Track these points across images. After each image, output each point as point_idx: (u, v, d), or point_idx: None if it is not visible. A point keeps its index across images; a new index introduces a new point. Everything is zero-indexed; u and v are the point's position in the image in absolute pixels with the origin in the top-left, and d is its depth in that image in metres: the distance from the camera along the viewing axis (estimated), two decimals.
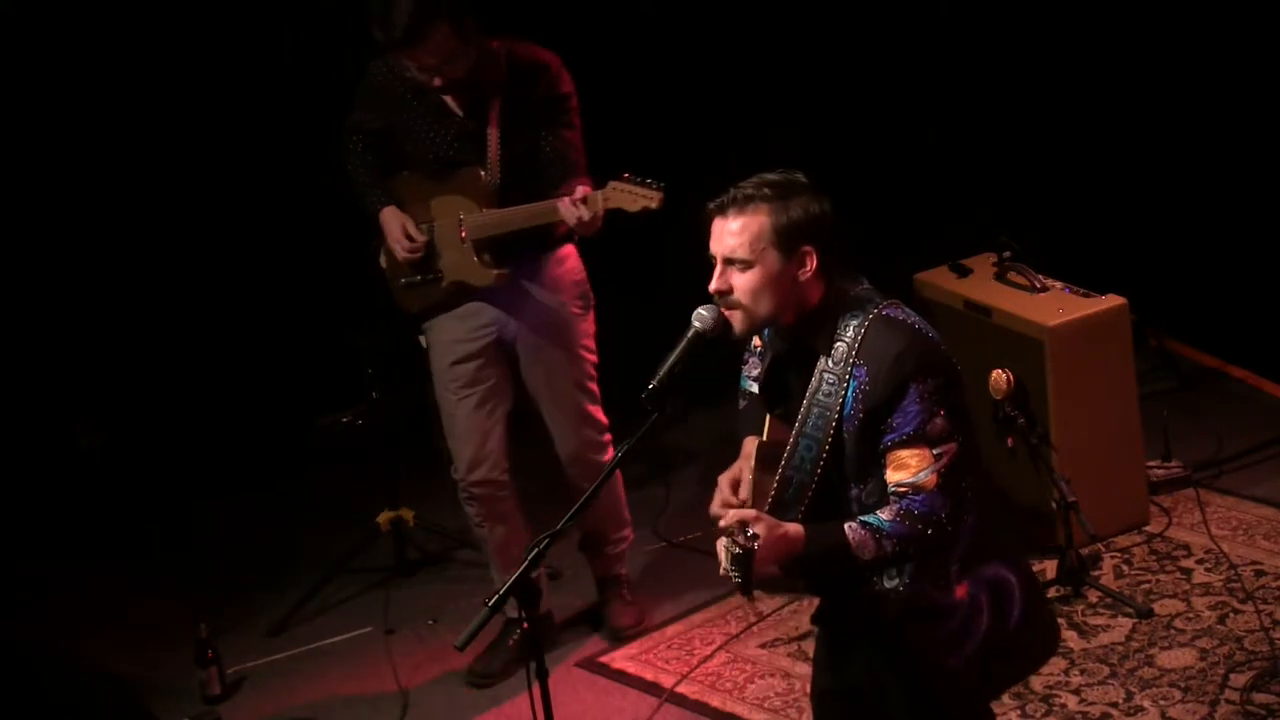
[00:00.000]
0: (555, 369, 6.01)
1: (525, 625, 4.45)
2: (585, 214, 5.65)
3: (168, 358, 7.74)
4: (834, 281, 4.36)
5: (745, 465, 4.48)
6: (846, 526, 4.27)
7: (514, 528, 6.15)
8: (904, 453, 4.26)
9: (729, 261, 4.32)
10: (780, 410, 4.47)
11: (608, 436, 6.13)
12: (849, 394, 4.28)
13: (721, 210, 4.33)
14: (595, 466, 6.07)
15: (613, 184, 5.66)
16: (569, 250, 6.00)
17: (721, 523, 4.29)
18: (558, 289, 5.97)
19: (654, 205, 5.62)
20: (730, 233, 4.30)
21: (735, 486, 4.47)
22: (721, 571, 4.31)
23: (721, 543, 4.28)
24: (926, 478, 4.26)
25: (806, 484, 4.32)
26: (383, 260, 6.13)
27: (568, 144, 5.83)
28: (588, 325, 6.04)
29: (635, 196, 5.63)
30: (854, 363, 4.28)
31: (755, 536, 4.19)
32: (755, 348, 4.61)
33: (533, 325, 5.97)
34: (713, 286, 4.34)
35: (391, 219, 5.96)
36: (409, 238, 5.92)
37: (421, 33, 5.56)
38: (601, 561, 6.34)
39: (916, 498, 4.25)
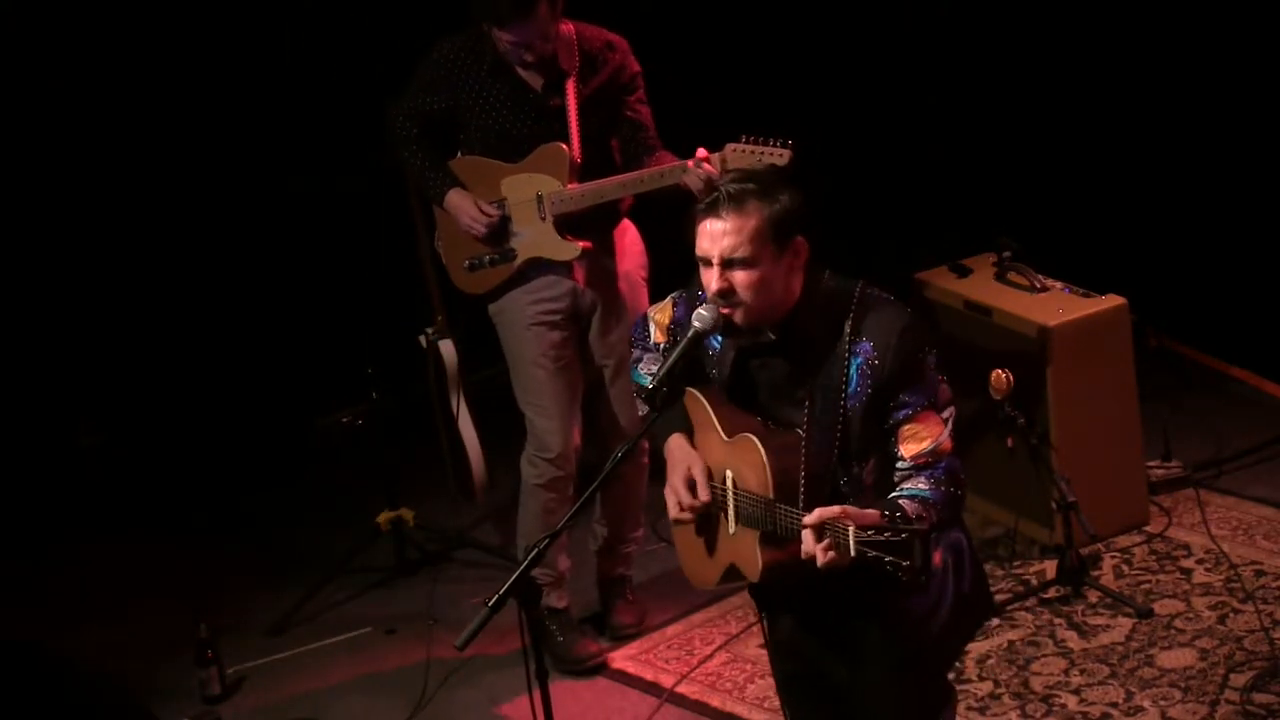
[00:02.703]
0: (628, 335, 6.04)
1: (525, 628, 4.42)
2: (716, 172, 5.65)
3: (168, 358, 7.74)
4: (811, 269, 4.40)
5: (695, 465, 4.49)
6: (903, 502, 4.29)
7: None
8: (917, 425, 4.33)
9: (728, 262, 4.32)
10: (749, 400, 4.48)
11: None
12: (852, 372, 4.32)
13: (713, 210, 4.34)
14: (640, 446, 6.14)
15: (731, 146, 5.68)
16: (629, 222, 6.07)
17: (809, 519, 4.19)
18: (626, 257, 6.06)
19: (782, 163, 5.60)
20: (726, 232, 4.31)
21: (692, 486, 4.50)
22: (825, 563, 4.17)
23: (850, 534, 4.12)
24: (943, 442, 4.35)
25: (827, 470, 4.35)
26: (439, 245, 6.14)
27: (643, 120, 5.93)
28: (647, 295, 6.10)
29: (760, 156, 5.63)
30: (853, 340, 4.31)
31: (917, 516, 4.21)
32: (655, 343, 4.68)
33: (607, 294, 6.03)
34: (714, 288, 4.35)
35: (461, 200, 5.97)
36: (485, 214, 5.93)
37: (529, 8, 5.67)
38: (609, 561, 6.34)
39: (940, 464, 4.34)
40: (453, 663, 6.18)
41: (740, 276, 4.32)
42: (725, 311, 4.37)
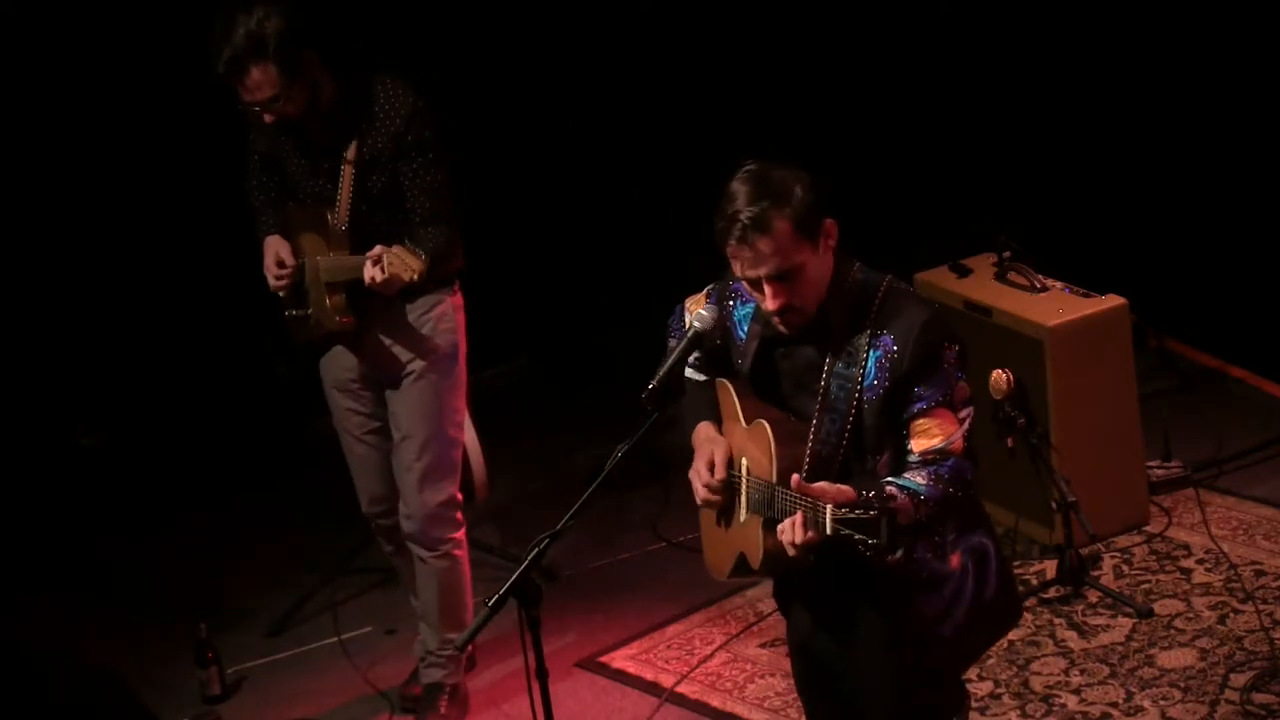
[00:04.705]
0: (412, 429, 5.68)
1: (526, 629, 4.41)
2: (378, 275, 5.32)
3: (167, 358, 7.73)
4: (841, 259, 4.40)
5: (717, 449, 4.51)
6: (890, 489, 4.29)
7: None
8: (930, 420, 4.32)
9: (777, 277, 4.31)
10: (772, 391, 4.49)
11: (458, 515, 5.80)
12: (870, 364, 4.32)
13: (743, 240, 4.30)
14: (431, 539, 5.76)
15: (397, 248, 5.35)
16: (440, 299, 5.63)
17: (792, 485, 4.22)
18: (436, 333, 5.64)
19: (414, 276, 5.30)
20: (764, 255, 4.29)
21: (713, 468, 4.51)
22: (801, 541, 4.18)
23: (827, 511, 4.13)
24: (954, 442, 4.33)
25: (834, 457, 4.36)
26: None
27: (427, 189, 5.49)
28: (450, 396, 5.68)
29: (405, 265, 5.29)
30: (874, 333, 4.31)
31: (891, 497, 4.20)
32: (688, 330, 4.59)
33: (394, 367, 5.66)
34: (771, 307, 4.33)
35: (268, 246, 5.68)
36: (280, 264, 5.66)
37: (242, 69, 5.31)
38: (427, 666, 5.92)
39: (946, 462, 4.32)
40: None
41: (794, 286, 4.32)
42: (782, 320, 4.36)
